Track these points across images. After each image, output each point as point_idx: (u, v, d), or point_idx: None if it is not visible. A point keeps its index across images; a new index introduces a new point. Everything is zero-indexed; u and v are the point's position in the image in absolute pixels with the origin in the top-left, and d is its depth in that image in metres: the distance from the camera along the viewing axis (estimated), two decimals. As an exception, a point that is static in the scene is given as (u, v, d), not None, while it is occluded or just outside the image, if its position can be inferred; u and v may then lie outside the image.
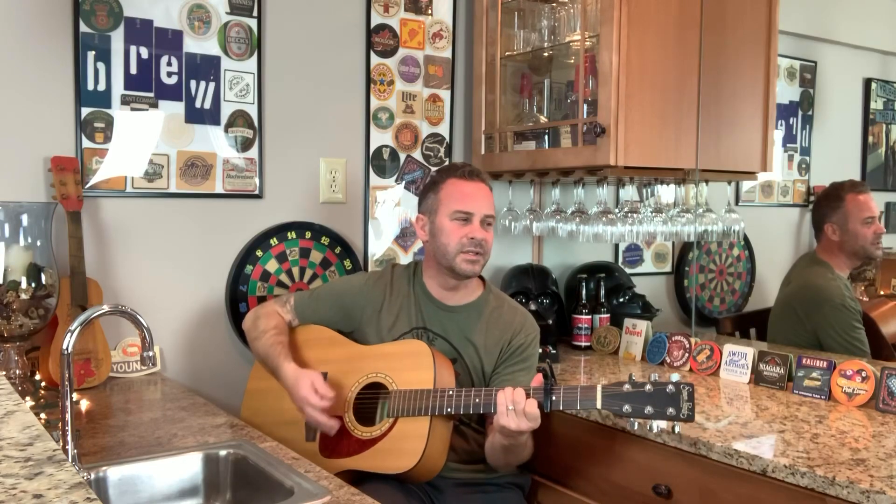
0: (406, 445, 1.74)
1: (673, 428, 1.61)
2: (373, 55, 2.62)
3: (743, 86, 2.53)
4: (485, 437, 1.92)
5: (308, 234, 2.51)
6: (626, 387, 1.60)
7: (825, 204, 2.66)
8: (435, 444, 1.74)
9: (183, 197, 2.31)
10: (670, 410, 1.56)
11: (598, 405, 1.61)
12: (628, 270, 3.11)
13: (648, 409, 1.57)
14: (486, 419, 1.89)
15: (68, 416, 1.34)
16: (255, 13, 2.39)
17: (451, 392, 1.74)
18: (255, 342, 1.99)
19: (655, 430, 1.60)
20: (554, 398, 1.65)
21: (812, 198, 3.32)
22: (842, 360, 2.03)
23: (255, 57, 2.40)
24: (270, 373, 1.94)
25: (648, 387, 1.58)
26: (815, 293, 2.59)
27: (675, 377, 1.59)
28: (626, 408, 1.59)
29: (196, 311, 2.35)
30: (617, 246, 3.19)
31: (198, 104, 2.32)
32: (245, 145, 2.40)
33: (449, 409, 1.73)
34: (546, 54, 2.70)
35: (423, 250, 2.05)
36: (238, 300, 2.39)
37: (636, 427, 1.60)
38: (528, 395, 1.65)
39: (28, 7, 2.08)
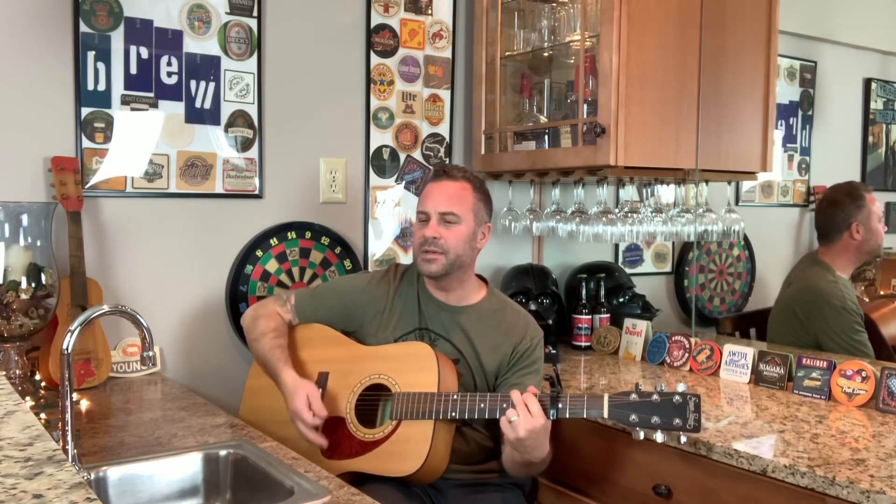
0: (410, 448, 1.73)
1: (679, 438, 1.60)
2: (373, 55, 2.62)
3: (743, 86, 2.53)
4: (486, 439, 1.92)
5: (308, 234, 2.51)
6: (633, 396, 1.60)
7: (850, 203, 2.61)
8: (438, 448, 1.74)
9: (183, 197, 2.31)
10: (677, 421, 1.56)
11: (605, 414, 1.61)
12: (628, 270, 3.11)
13: (655, 420, 1.57)
14: (500, 432, 1.87)
15: (68, 416, 1.33)
16: (255, 13, 2.39)
17: (455, 396, 1.73)
18: (255, 343, 1.98)
19: (660, 441, 1.59)
20: (560, 406, 1.64)
21: (812, 198, 3.32)
22: (842, 360, 2.03)
23: (255, 57, 2.40)
24: (269, 377, 1.93)
25: (655, 397, 1.58)
26: (815, 296, 2.58)
27: (681, 387, 1.59)
28: (633, 417, 1.59)
29: (196, 311, 2.35)
30: (617, 246, 3.19)
31: (198, 104, 2.32)
32: (245, 145, 2.40)
33: (454, 414, 1.72)
34: (546, 54, 2.70)
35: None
36: (238, 300, 2.39)
37: (641, 436, 1.59)
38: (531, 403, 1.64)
39: (28, 7, 2.08)
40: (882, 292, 2.98)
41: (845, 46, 3.23)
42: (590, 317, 2.72)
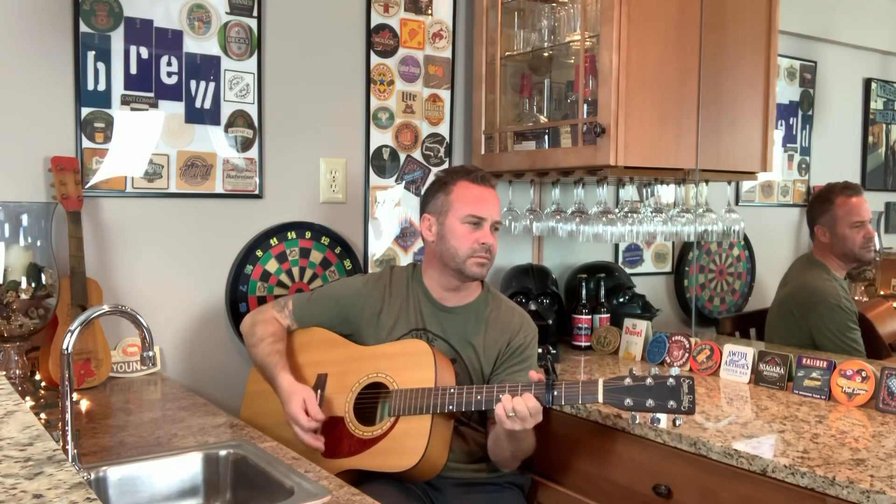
0: (407, 444, 1.74)
1: (674, 421, 1.61)
2: (373, 55, 2.62)
3: (743, 86, 2.53)
4: (484, 437, 1.92)
5: (308, 234, 2.51)
6: (627, 381, 1.61)
7: (816, 206, 2.66)
8: (436, 443, 1.75)
9: (183, 197, 2.31)
10: (671, 403, 1.57)
11: (600, 399, 1.62)
12: (628, 270, 3.11)
13: (650, 403, 1.58)
14: (487, 417, 1.90)
15: (68, 416, 1.34)
16: (255, 13, 2.39)
17: (451, 390, 1.74)
18: (253, 349, 1.99)
19: (662, 425, 1.60)
20: (556, 393, 1.66)
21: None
22: (842, 360, 2.03)
23: (255, 57, 2.40)
24: (267, 381, 1.94)
25: (649, 380, 1.59)
26: (810, 294, 2.59)
27: (675, 371, 1.60)
28: (628, 401, 1.60)
29: (196, 311, 2.35)
30: (617, 246, 3.19)
31: (198, 104, 2.32)
32: (245, 145, 2.40)
33: (450, 407, 1.73)
34: (546, 54, 2.70)
35: (423, 250, 2.05)
36: (238, 300, 2.39)
37: (637, 421, 1.61)
38: (528, 391, 1.66)
39: (28, 7, 2.08)
40: (882, 292, 2.98)
41: (845, 46, 3.23)
42: (590, 317, 2.72)
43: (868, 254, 2.60)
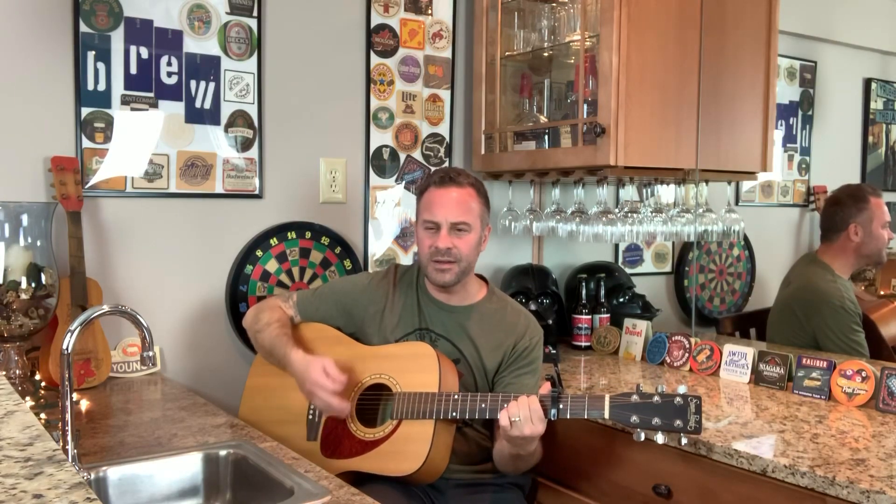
0: (410, 448, 1.73)
1: (680, 440, 1.61)
2: (373, 55, 2.62)
3: (743, 86, 2.53)
4: (486, 439, 1.92)
5: (308, 234, 2.51)
6: (634, 398, 1.60)
7: (850, 204, 2.60)
8: (438, 448, 1.74)
9: (183, 197, 2.31)
10: (678, 423, 1.57)
11: (606, 415, 1.61)
12: (628, 270, 3.11)
13: (656, 421, 1.58)
14: (494, 424, 1.89)
15: (68, 416, 1.34)
16: (255, 13, 2.39)
17: (456, 396, 1.74)
18: (259, 335, 1.98)
19: (661, 442, 1.59)
20: (561, 406, 1.65)
21: (812, 198, 3.33)
22: (842, 360, 2.03)
23: (255, 57, 2.40)
24: (276, 363, 1.93)
25: (657, 398, 1.58)
26: (814, 295, 2.58)
27: (682, 389, 1.59)
28: (634, 419, 1.59)
29: (196, 312, 2.35)
30: (617, 246, 3.19)
31: (198, 104, 2.32)
32: (245, 145, 2.40)
33: (454, 414, 1.73)
34: (546, 54, 2.70)
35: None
36: (238, 300, 2.39)
37: (642, 438, 1.60)
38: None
39: (28, 7, 2.08)
40: (882, 292, 2.98)
41: (845, 46, 3.23)
42: (590, 317, 2.72)
43: (885, 255, 2.62)
